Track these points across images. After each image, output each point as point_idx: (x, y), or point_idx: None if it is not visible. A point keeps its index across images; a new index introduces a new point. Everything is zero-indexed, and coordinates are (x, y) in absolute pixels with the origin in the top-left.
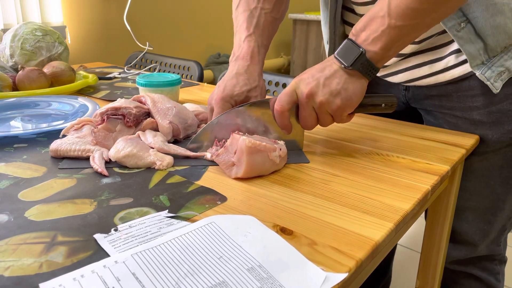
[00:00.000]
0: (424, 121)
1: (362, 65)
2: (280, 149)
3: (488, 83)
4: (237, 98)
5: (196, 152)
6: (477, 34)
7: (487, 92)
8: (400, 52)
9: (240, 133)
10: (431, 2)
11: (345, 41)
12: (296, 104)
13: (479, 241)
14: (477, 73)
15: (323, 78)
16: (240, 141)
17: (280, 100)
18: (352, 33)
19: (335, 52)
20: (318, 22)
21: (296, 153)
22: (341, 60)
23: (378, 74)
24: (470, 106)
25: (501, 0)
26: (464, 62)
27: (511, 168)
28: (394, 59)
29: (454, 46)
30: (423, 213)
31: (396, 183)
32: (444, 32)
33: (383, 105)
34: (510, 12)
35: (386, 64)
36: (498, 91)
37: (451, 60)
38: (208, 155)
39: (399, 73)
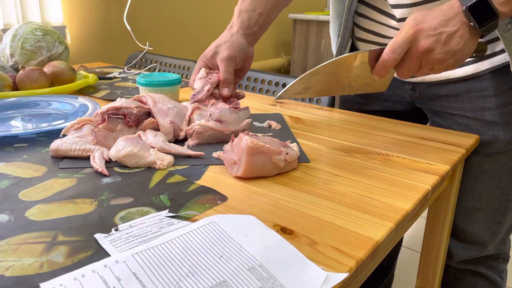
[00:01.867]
0: (431, 122)
1: (490, 28)
2: (287, 153)
3: None
4: (207, 55)
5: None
6: None
7: (501, 93)
8: None
9: (251, 133)
10: None
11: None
12: None
13: (488, 241)
14: None
15: (445, 35)
16: (243, 140)
17: (395, 50)
18: None
19: (466, 4)
20: (318, 22)
21: None
22: (472, 18)
23: None
24: (482, 107)
25: None
26: (478, 60)
27: None
28: None
29: None
30: (424, 213)
31: (396, 183)
32: None
33: (473, 54)
34: None
35: None
36: None
37: None
38: (215, 154)
39: None
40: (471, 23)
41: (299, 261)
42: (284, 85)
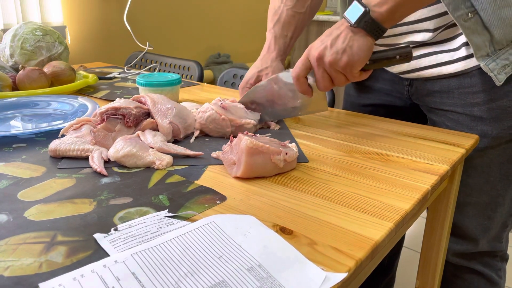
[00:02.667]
0: (428, 120)
1: (366, 23)
2: (287, 153)
3: (491, 74)
4: (250, 80)
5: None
6: (484, 25)
7: (488, 89)
8: (412, 40)
9: (250, 133)
10: None
11: (353, 1)
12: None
13: (479, 236)
14: (482, 64)
15: (330, 40)
16: (242, 141)
17: (295, 68)
18: None
19: (344, 12)
20: (318, 22)
21: None
22: (348, 18)
23: None
24: (471, 103)
25: None
26: (467, 57)
27: (511, 164)
28: None
29: (463, 39)
30: (424, 213)
31: (396, 183)
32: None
33: (397, 57)
34: None
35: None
36: (501, 83)
37: (457, 53)
38: (214, 154)
39: None
40: (349, 23)
41: (298, 261)
42: None
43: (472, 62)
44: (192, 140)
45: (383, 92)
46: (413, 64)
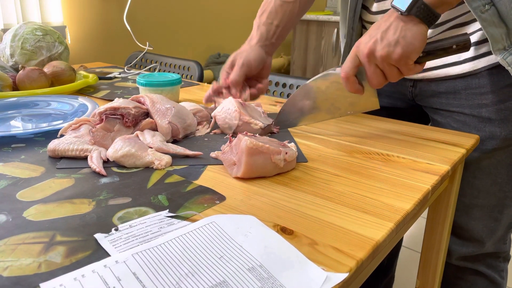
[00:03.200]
0: (431, 121)
1: (419, 10)
2: (286, 153)
3: (509, 68)
4: (225, 65)
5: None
6: (501, 18)
7: (497, 90)
8: None
9: (249, 133)
10: None
11: None
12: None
13: (486, 238)
14: (499, 58)
15: (380, 33)
16: (242, 141)
17: (344, 67)
18: None
19: (392, 1)
20: (318, 22)
21: None
22: (397, 7)
23: None
24: (479, 104)
25: None
26: (475, 58)
27: None
28: None
29: (474, 38)
30: (424, 213)
31: (397, 183)
32: (465, 21)
33: (454, 46)
34: None
35: None
36: None
37: (465, 54)
38: (213, 154)
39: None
40: (399, 12)
41: (299, 261)
42: (284, 85)
43: (480, 63)
44: (208, 130)
45: (384, 94)
46: None
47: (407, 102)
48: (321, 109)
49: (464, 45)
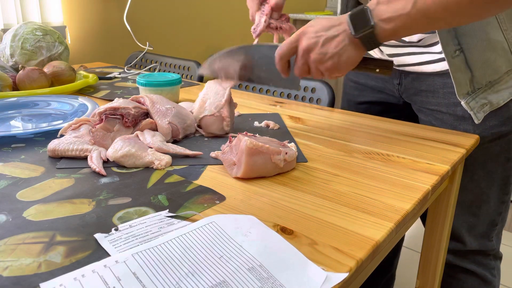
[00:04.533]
0: (419, 120)
1: (366, 37)
2: (286, 153)
3: (471, 112)
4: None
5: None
6: (467, 64)
7: None
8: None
9: (249, 133)
10: (463, 4)
11: (362, 7)
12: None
13: (465, 234)
14: (462, 102)
15: (324, 38)
16: (242, 141)
17: (281, 48)
18: (372, 1)
19: (349, 13)
20: None
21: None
22: (350, 26)
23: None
24: (454, 102)
25: (495, 38)
26: (444, 59)
27: (494, 162)
28: (388, 49)
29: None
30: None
31: (397, 183)
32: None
33: (377, 70)
34: (502, 51)
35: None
36: (479, 121)
37: (438, 55)
38: (212, 153)
39: (391, 57)
40: (350, 31)
41: (299, 261)
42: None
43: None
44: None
45: (376, 89)
46: (399, 60)
47: (397, 98)
48: (250, 70)
49: (386, 71)
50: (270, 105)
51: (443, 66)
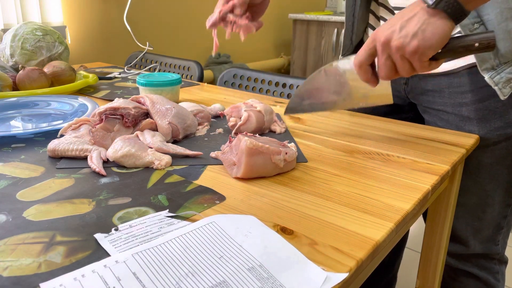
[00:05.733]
0: (425, 120)
1: (447, 4)
2: (286, 153)
3: (496, 87)
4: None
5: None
6: None
7: (476, 89)
8: None
9: (249, 133)
10: None
11: None
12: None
13: (470, 237)
14: (486, 77)
15: (400, 23)
16: (242, 141)
17: (358, 54)
18: None
19: None
20: (318, 22)
21: None
22: None
23: None
24: (459, 103)
25: None
26: (455, 58)
27: (499, 165)
28: None
29: None
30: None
31: (397, 183)
32: None
33: (476, 44)
34: None
35: None
36: (505, 97)
37: None
38: (212, 153)
39: None
40: (426, 3)
41: (299, 261)
42: (284, 85)
43: (459, 62)
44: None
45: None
46: None
47: (403, 99)
48: (334, 97)
49: (488, 45)
50: (270, 105)
51: (450, 65)
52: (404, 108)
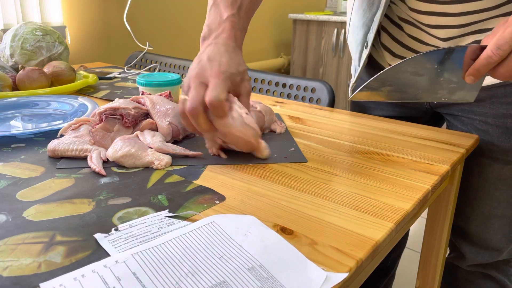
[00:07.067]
0: (449, 127)
1: None
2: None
3: None
4: (234, 77)
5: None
6: None
7: None
8: (478, 39)
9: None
10: None
11: None
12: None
13: (504, 248)
14: None
15: None
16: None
17: (501, 46)
18: None
19: None
20: (318, 22)
21: (293, 152)
22: None
23: None
24: (503, 114)
25: None
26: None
27: None
28: None
29: None
30: (424, 213)
31: (396, 183)
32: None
33: None
34: None
35: None
36: None
37: None
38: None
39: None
40: None
41: (299, 261)
42: (284, 85)
43: None
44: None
45: (398, 103)
46: None
47: (422, 111)
48: (418, 88)
49: None
50: (270, 105)
51: (494, 79)
52: (420, 121)
